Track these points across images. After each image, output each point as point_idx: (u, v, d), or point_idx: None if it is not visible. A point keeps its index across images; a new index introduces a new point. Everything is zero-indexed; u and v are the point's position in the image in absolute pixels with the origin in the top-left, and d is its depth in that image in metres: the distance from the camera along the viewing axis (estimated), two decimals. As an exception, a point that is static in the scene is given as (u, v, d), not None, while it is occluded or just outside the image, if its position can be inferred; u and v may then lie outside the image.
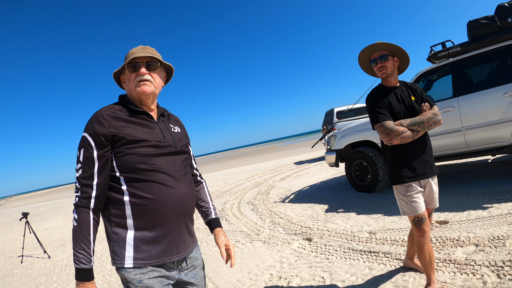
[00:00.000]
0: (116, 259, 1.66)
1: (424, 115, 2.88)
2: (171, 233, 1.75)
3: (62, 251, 7.85)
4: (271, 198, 9.19)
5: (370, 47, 2.96)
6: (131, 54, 1.80)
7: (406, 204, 2.93)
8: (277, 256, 4.73)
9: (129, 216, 1.67)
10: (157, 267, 1.72)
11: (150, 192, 1.68)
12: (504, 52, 5.44)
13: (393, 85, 3.05)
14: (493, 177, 6.23)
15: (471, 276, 3.10)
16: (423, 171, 2.90)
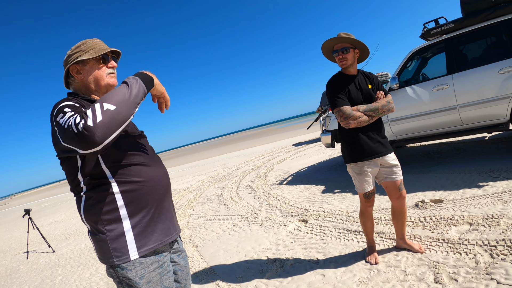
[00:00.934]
0: (119, 255, 1.60)
1: (379, 102, 3.20)
2: (164, 211, 1.77)
3: (66, 244, 7.93)
4: (269, 181, 9.21)
5: (333, 40, 3.19)
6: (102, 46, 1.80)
7: (358, 182, 3.32)
8: (273, 239, 4.76)
9: (122, 206, 1.62)
10: (158, 255, 1.72)
11: (138, 175, 1.68)
12: (498, 28, 5.35)
13: (352, 74, 3.31)
14: (490, 154, 6.20)
15: (464, 256, 3.10)
16: (376, 150, 3.20)
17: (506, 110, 5.20)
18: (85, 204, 1.64)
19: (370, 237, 3.54)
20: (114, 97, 1.43)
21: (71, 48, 1.80)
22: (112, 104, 1.39)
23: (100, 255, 1.66)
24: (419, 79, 6.28)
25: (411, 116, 6.09)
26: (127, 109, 1.44)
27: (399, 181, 3.32)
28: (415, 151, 8.25)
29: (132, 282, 1.62)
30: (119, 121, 1.40)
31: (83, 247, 7.21)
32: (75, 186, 1.67)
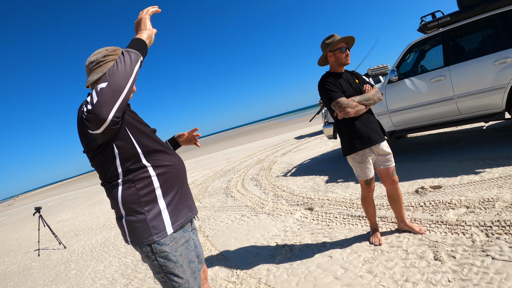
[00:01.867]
0: (157, 232, 1.83)
1: (369, 92, 3.51)
2: (187, 191, 2.08)
3: (77, 241, 8.17)
4: (274, 173, 9.44)
5: (348, 37, 3.50)
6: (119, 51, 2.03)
7: (360, 170, 3.56)
8: (281, 226, 5.00)
9: (158, 187, 1.87)
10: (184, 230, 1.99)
11: (167, 160, 1.98)
12: (493, 21, 5.54)
13: (340, 71, 3.63)
14: (487, 143, 6.43)
15: (461, 236, 3.34)
16: (374, 138, 3.47)
17: (501, 100, 5.40)
18: (122, 190, 1.84)
19: (373, 220, 3.79)
20: (106, 75, 1.60)
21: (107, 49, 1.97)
22: (103, 83, 1.57)
23: (138, 237, 1.84)
24: (418, 71, 6.49)
25: (410, 107, 6.32)
26: (118, 79, 1.58)
27: (392, 168, 3.61)
28: (415, 141, 8.49)
29: (170, 255, 1.87)
30: (115, 93, 1.56)
31: (94, 242, 7.45)
32: (111, 175, 1.85)
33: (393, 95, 6.53)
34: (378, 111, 6.71)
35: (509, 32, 5.35)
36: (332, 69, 3.65)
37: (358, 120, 3.47)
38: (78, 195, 24.99)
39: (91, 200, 17.48)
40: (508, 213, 3.52)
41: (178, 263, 1.90)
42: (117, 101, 1.57)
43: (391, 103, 6.57)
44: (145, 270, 4.84)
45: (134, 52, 1.68)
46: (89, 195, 21.29)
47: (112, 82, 1.57)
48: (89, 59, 1.96)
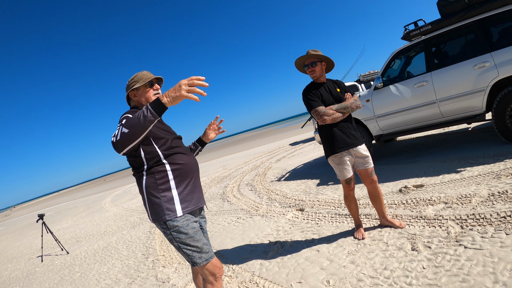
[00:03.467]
0: (169, 213, 2.36)
1: (348, 101, 3.84)
2: (197, 186, 2.60)
3: (79, 246, 8.37)
4: (268, 178, 9.71)
5: (303, 57, 3.89)
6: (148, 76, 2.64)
7: (339, 171, 3.92)
8: (274, 226, 5.28)
9: (171, 179, 2.43)
10: (192, 215, 2.50)
11: (181, 159, 2.52)
12: (472, 27, 5.83)
13: (322, 82, 3.98)
14: (471, 143, 6.72)
15: (438, 228, 3.62)
16: (350, 142, 3.82)
17: (482, 102, 5.70)
18: (146, 179, 2.43)
19: (356, 217, 4.10)
20: (129, 123, 2.12)
21: (129, 80, 2.65)
22: (126, 128, 2.12)
23: (155, 216, 2.39)
24: (402, 77, 6.79)
25: (395, 111, 6.63)
26: (136, 131, 2.11)
27: (370, 168, 3.93)
28: (403, 144, 8.79)
29: (181, 229, 2.38)
30: (131, 139, 2.13)
31: (96, 247, 7.67)
32: (139, 167, 2.45)
33: (379, 101, 6.83)
34: (366, 116, 7.01)
35: (487, 38, 5.65)
36: (314, 80, 4.01)
37: (336, 126, 3.82)
38: (77, 204, 25.16)
39: (91, 208, 17.67)
40: (484, 207, 3.81)
41: (189, 234, 2.39)
42: (131, 144, 2.17)
43: (377, 108, 6.87)
44: (147, 269, 5.09)
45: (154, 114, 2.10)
46: (88, 204, 21.47)
47: (130, 131, 2.11)
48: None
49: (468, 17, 5.87)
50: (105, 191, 31.31)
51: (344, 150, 3.81)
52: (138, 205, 12.58)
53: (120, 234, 8.30)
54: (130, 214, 11.11)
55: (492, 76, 5.50)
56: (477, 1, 5.74)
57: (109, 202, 17.88)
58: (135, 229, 8.32)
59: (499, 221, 3.40)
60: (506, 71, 5.38)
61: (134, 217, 10.29)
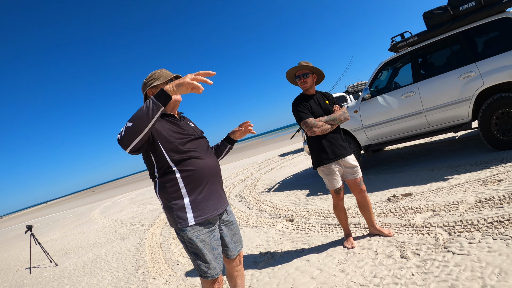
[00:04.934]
0: (181, 221, 2.31)
1: (336, 113, 3.91)
2: (214, 191, 2.47)
3: (68, 258, 8.24)
4: (258, 189, 9.72)
5: (295, 68, 3.94)
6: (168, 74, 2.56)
7: (328, 181, 3.94)
8: (264, 237, 5.27)
9: (182, 187, 2.33)
10: (209, 224, 2.42)
11: (192, 165, 2.38)
12: (458, 38, 5.97)
13: (312, 94, 4.03)
14: (458, 152, 6.83)
15: (426, 236, 3.66)
16: (339, 153, 3.86)
17: (468, 111, 5.80)
18: (159, 186, 2.38)
19: (345, 226, 4.11)
20: (133, 117, 2.05)
21: (146, 77, 2.55)
22: (130, 122, 2.04)
23: (170, 222, 2.40)
24: (390, 88, 6.89)
25: (383, 122, 6.71)
26: (140, 123, 2.03)
27: (359, 178, 3.97)
28: (391, 154, 8.88)
29: (192, 240, 2.33)
30: (136, 133, 2.03)
31: (86, 259, 7.57)
32: (152, 174, 2.41)
33: (367, 111, 6.91)
34: (354, 127, 7.08)
35: (472, 48, 5.78)
36: (304, 92, 4.06)
37: (325, 138, 3.86)
38: (65, 215, 24.80)
39: (79, 220, 17.46)
40: (471, 213, 3.87)
41: (199, 247, 2.34)
42: (137, 138, 2.06)
43: (365, 119, 6.94)
44: (138, 282, 5.04)
45: (157, 103, 2.04)
46: (77, 215, 21.20)
47: (135, 124, 2.03)
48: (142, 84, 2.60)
49: (453, 29, 6.01)
50: (94, 202, 31.04)
51: (333, 161, 3.84)
52: (127, 217, 12.49)
53: (110, 246, 8.21)
54: (119, 226, 11.00)
55: (478, 85, 5.61)
56: (462, 13, 5.88)
57: (98, 213, 17.72)
58: (125, 241, 8.25)
59: (486, 226, 3.46)
60: (491, 80, 5.51)
61: (124, 228, 10.19)
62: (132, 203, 17.05)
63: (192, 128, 2.60)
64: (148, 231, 8.39)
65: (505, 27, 5.53)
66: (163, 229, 8.11)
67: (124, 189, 39.80)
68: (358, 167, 3.98)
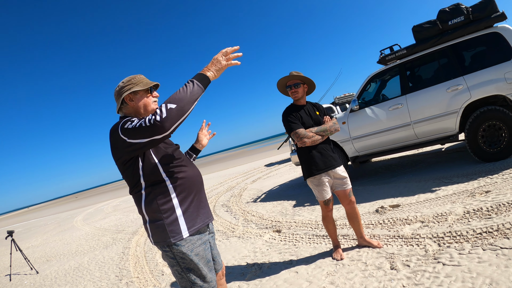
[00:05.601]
0: (174, 235, 2.13)
1: (327, 124, 3.90)
2: (203, 199, 2.38)
3: (49, 266, 8.06)
4: (244, 199, 9.65)
5: (287, 77, 3.93)
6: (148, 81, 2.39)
7: (318, 192, 3.91)
8: (251, 248, 5.20)
9: (174, 197, 2.19)
10: (201, 234, 2.28)
11: (183, 173, 2.27)
12: (446, 52, 6.08)
13: (302, 104, 4.03)
14: (445, 163, 6.90)
15: (415, 247, 3.65)
16: (329, 164, 3.86)
17: (455, 123, 5.89)
18: (145, 198, 2.19)
19: (334, 237, 4.09)
20: (175, 98, 1.94)
21: (123, 81, 2.35)
22: (173, 103, 1.92)
23: (158, 239, 2.18)
24: (379, 100, 6.94)
25: (371, 133, 6.74)
26: (184, 105, 1.93)
27: (349, 189, 3.96)
28: (378, 165, 8.91)
29: (186, 256, 2.16)
30: (179, 115, 1.92)
31: (67, 267, 7.41)
32: (136, 185, 2.20)
33: (355, 123, 6.93)
34: (341, 138, 7.09)
35: (460, 62, 5.89)
36: (295, 102, 4.05)
37: (315, 149, 3.86)
38: (47, 221, 24.36)
39: (61, 226, 17.16)
40: (460, 224, 3.88)
41: (194, 261, 2.18)
42: (179, 120, 1.93)
43: (353, 130, 6.96)
44: (118, 292, 4.94)
45: (201, 86, 2.01)
46: (59, 221, 20.84)
47: (179, 105, 1.92)
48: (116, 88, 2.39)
49: (442, 43, 6.11)
50: (77, 208, 30.57)
51: (323, 172, 3.82)
52: (111, 225, 12.30)
53: (92, 254, 8.05)
54: (102, 234, 10.82)
55: (465, 98, 5.70)
56: (451, 27, 5.99)
57: (81, 220, 17.42)
58: (108, 249, 8.09)
59: (475, 237, 3.47)
60: (478, 94, 5.61)
61: (107, 237, 10.01)
62: (116, 211, 16.81)
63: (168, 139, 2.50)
64: (132, 240, 8.26)
65: (493, 41, 5.65)
66: (147, 238, 7.98)
67: (108, 196, 39.28)
68: (348, 178, 3.98)
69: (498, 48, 5.60)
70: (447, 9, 6.00)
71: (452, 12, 5.92)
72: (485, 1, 5.68)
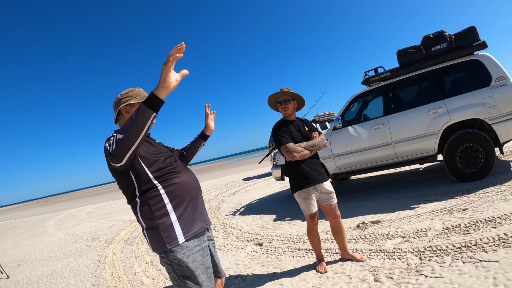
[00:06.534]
0: (170, 241, 2.16)
1: (315, 139, 4.03)
2: (199, 204, 2.41)
3: (20, 271, 7.86)
4: (223, 212, 9.65)
5: (277, 93, 4.07)
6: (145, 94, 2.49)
7: (305, 206, 3.98)
8: (233, 260, 5.22)
9: (168, 203, 2.23)
10: (198, 240, 2.30)
11: (176, 178, 2.32)
12: (428, 76, 6.36)
13: (292, 119, 4.16)
14: (423, 182, 7.12)
15: (398, 260, 3.77)
16: (317, 178, 3.95)
17: (434, 144, 6.14)
18: (140, 206, 2.24)
19: (318, 251, 4.18)
20: (123, 128, 1.94)
21: (121, 93, 2.46)
22: (121, 134, 1.93)
23: (155, 245, 2.21)
24: (361, 119, 7.15)
25: (352, 151, 6.93)
26: (131, 134, 1.91)
27: (334, 204, 4.08)
28: (357, 183, 9.08)
29: (182, 262, 2.18)
30: (128, 144, 1.94)
31: (40, 273, 7.22)
32: (132, 194, 2.26)
33: (337, 141, 7.11)
34: (323, 155, 7.22)
35: (441, 86, 6.16)
36: (284, 117, 4.18)
37: (304, 163, 3.95)
38: (17, 224, 23.59)
39: (33, 230, 16.68)
40: (439, 239, 4.04)
41: (190, 268, 2.20)
42: (130, 150, 1.96)
43: (335, 148, 7.13)
44: (97, 300, 4.87)
45: (148, 110, 1.90)
46: (30, 225, 20.20)
47: (126, 135, 1.92)
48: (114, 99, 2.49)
49: (425, 67, 6.39)
50: (48, 213, 29.67)
51: (311, 186, 3.92)
52: (84, 231, 12.05)
53: (66, 261, 7.87)
54: (76, 241, 10.58)
55: (445, 121, 5.94)
56: (434, 53, 6.28)
57: (53, 225, 16.94)
58: (83, 256, 7.93)
59: (455, 251, 3.62)
60: (457, 117, 5.88)
61: (81, 244, 9.80)
62: (90, 217, 16.49)
63: (163, 147, 2.57)
64: (108, 248, 8.12)
65: (473, 68, 5.94)
66: (124, 247, 7.87)
67: (81, 202, 38.47)
68: (334, 193, 4.09)
69: (478, 75, 5.89)
70: (431, 35, 6.28)
71: (436, 38, 6.19)
72: (468, 29, 5.98)
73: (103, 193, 46.80)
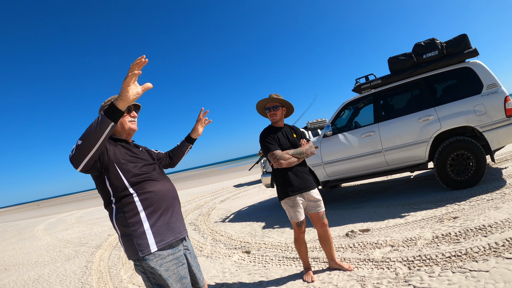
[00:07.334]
0: (142, 249, 2.16)
1: (303, 147, 3.98)
2: (174, 214, 2.40)
3: (7, 275, 7.75)
4: (212, 219, 9.55)
5: (266, 99, 4.03)
6: None
7: (293, 213, 3.91)
8: (220, 268, 5.13)
9: (141, 210, 2.22)
10: (173, 249, 2.29)
11: (151, 187, 2.32)
12: (419, 84, 6.32)
13: (280, 126, 4.11)
14: (413, 190, 7.08)
15: (386, 270, 3.70)
16: (304, 186, 3.91)
17: (425, 152, 6.09)
18: (115, 213, 2.24)
19: (305, 260, 4.10)
20: (83, 135, 1.96)
21: (105, 101, 2.46)
22: (80, 139, 1.96)
23: (129, 253, 2.20)
24: (352, 126, 7.10)
25: (342, 159, 6.86)
26: (90, 140, 1.94)
27: (322, 212, 4.02)
28: (347, 191, 9.01)
29: (154, 270, 2.17)
30: (85, 150, 1.96)
31: (27, 278, 7.10)
32: (108, 200, 2.28)
33: (328, 148, 7.05)
34: (313, 163, 7.16)
35: (432, 94, 6.12)
36: (273, 124, 4.12)
37: (291, 170, 3.89)
38: (6, 227, 23.39)
39: (21, 234, 16.48)
40: (429, 248, 3.97)
41: (163, 276, 2.18)
42: (87, 157, 1.98)
43: (325, 155, 7.06)
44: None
45: (107, 120, 1.94)
46: (19, 229, 19.98)
47: (84, 141, 1.95)
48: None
49: (416, 74, 6.35)
50: (38, 217, 29.36)
51: (298, 194, 3.86)
52: (73, 236, 11.88)
53: (53, 266, 7.75)
54: (64, 245, 10.43)
55: (435, 128, 5.91)
56: (425, 60, 6.25)
57: (42, 229, 16.72)
58: (70, 262, 7.81)
59: (444, 261, 3.56)
60: (448, 124, 5.84)
61: (69, 249, 9.66)
62: (79, 222, 16.30)
63: (144, 154, 2.56)
64: (96, 254, 8.01)
65: (464, 76, 5.92)
66: (112, 252, 7.76)
67: (71, 206, 38.19)
68: (321, 201, 4.03)
69: (469, 82, 5.87)
70: (422, 43, 6.26)
71: (427, 46, 6.17)
72: (459, 37, 5.97)
73: (94, 198, 46.42)
